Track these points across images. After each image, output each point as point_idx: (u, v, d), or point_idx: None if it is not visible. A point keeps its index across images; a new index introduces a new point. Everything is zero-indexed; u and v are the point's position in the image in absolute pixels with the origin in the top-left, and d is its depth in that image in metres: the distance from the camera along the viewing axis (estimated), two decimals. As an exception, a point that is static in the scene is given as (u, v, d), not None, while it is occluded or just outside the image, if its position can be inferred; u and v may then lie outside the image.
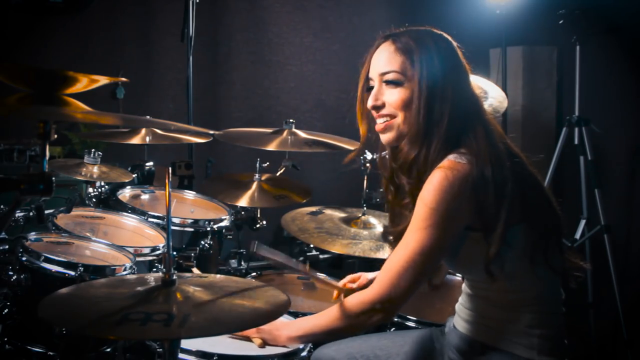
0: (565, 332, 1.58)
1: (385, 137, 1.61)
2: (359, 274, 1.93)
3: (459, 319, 1.64)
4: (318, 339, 1.72)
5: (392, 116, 1.58)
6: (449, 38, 1.62)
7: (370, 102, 1.60)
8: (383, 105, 1.59)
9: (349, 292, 1.85)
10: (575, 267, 1.62)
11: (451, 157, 1.48)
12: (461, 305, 1.65)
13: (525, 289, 1.52)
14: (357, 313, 1.56)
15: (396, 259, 1.51)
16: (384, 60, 1.58)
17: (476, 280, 1.57)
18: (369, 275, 1.90)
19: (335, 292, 1.90)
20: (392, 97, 1.57)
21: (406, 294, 1.52)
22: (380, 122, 1.60)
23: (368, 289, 1.57)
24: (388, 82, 1.58)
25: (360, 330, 1.65)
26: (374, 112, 1.62)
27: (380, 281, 1.53)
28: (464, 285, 1.65)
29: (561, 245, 1.58)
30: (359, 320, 1.57)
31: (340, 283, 1.91)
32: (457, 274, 2.16)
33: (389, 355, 1.71)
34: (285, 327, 1.68)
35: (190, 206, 2.97)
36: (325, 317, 1.62)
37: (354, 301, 1.57)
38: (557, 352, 1.54)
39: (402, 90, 1.55)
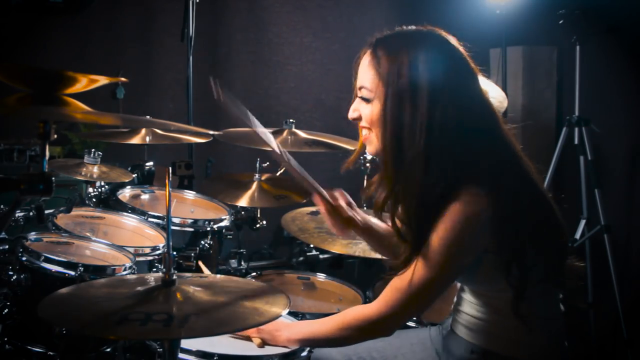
0: (565, 334, 1.58)
1: (367, 149, 1.58)
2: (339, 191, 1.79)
3: (459, 325, 1.61)
4: (316, 345, 1.72)
5: (368, 129, 1.53)
6: (446, 41, 1.49)
7: (349, 114, 1.56)
8: (360, 118, 1.54)
9: (332, 208, 1.75)
10: (574, 272, 1.60)
11: (469, 189, 1.39)
12: (461, 311, 1.62)
13: (528, 297, 1.50)
14: (357, 327, 1.56)
15: (403, 283, 1.47)
16: (360, 73, 1.52)
17: (484, 289, 1.55)
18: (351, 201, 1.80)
19: (317, 199, 1.76)
20: (364, 111, 1.52)
21: (408, 317, 1.55)
22: (363, 134, 1.57)
23: (371, 305, 1.55)
24: (360, 97, 1.52)
25: (359, 342, 1.66)
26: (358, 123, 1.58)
27: (384, 301, 1.51)
28: (464, 291, 1.63)
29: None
30: (358, 334, 1.57)
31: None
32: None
33: (385, 358, 1.71)
34: (286, 329, 1.68)
35: (190, 206, 2.97)
36: (326, 325, 1.62)
37: (356, 315, 1.57)
38: (558, 354, 1.54)
39: (370, 106, 1.49)
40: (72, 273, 2.01)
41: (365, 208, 2.56)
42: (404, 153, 1.42)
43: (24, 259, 2.03)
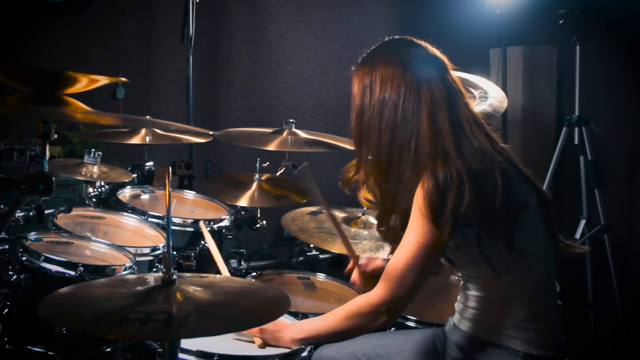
0: (563, 328, 1.59)
1: None
2: (376, 256, 1.95)
3: (459, 316, 1.65)
4: (322, 341, 1.73)
5: None
6: (407, 40, 1.64)
7: None
8: None
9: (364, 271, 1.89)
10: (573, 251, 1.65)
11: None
12: (460, 302, 1.66)
13: (517, 282, 1.53)
14: (362, 315, 1.57)
15: (397, 259, 1.53)
16: (353, 90, 1.68)
17: (472, 276, 1.59)
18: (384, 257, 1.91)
19: (351, 262, 1.93)
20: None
21: (410, 293, 1.54)
22: None
23: (372, 290, 1.58)
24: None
25: (364, 333, 1.66)
26: None
27: (384, 283, 1.55)
28: (461, 282, 1.66)
29: (553, 230, 1.59)
30: (364, 322, 1.58)
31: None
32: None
33: (390, 354, 1.72)
34: (288, 329, 1.68)
35: (190, 206, 2.97)
36: (330, 319, 1.63)
37: (359, 303, 1.59)
38: (554, 347, 1.55)
39: None
40: (72, 273, 2.01)
41: (365, 209, 2.56)
42: (365, 128, 1.61)
43: (24, 259, 2.03)
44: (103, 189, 2.83)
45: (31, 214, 2.26)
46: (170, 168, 1.54)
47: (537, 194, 1.59)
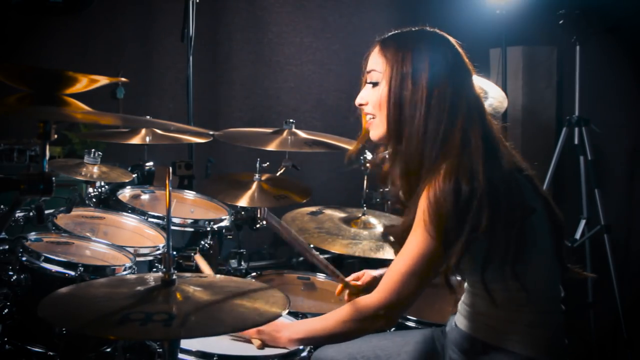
0: (565, 331, 1.58)
1: (370, 135, 1.66)
2: (363, 271, 1.95)
3: (461, 316, 1.64)
4: (319, 342, 1.72)
5: (373, 115, 1.63)
6: (447, 40, 1.61)
7: (356, 100, 1.66)
8: (366, 104, 1.64)
9: (354, 288, 1.88)
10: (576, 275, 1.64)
11: (443, 167, 1.47)
12: (463, 303, 1.65)
13: (521, 288, 1.51)
14: (359, 318, 1.56)
15: (398, 265, 1.52)
16: (370, 60, 1.64)
17: (475, 280, 1.57)
18: (373, 272, 1.91)
19: (339, 286, 1.93)
20: (371, 96, 1.62)
21: (408, 300, 1.53)
22: (367, 120, 1.67)
23: (371, 294, 1.57)
24: (369, 82, 1.63)
25: (361, 336, 1.66)
26: (362, 110, 1.67)
27: (383, 287, 1.54)
28: (465, 284, 1.65)
29: (560, 254, 1.58)
30: (361, 326, 1.57)
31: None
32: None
33: (389, 356, 1.71)
34: (286, 329, 1.68)
35: (190, 206, 2.97)
36: (328, 320, 1.62)
37: (357, 306, 1.58)
38: (557, 351, 1.54)
39: (378, 89, 1.60)
40: (72, 273, 2.01)
41: (365, 207, 2.57)
42: (405, 125, 1.55)
43: (24, 259, 2.03)
44: (103, 189, 2.82)
45: (31, 214, 2.26)
46: (170, 168, 1.54)
47: (542, 200, 1.57)
